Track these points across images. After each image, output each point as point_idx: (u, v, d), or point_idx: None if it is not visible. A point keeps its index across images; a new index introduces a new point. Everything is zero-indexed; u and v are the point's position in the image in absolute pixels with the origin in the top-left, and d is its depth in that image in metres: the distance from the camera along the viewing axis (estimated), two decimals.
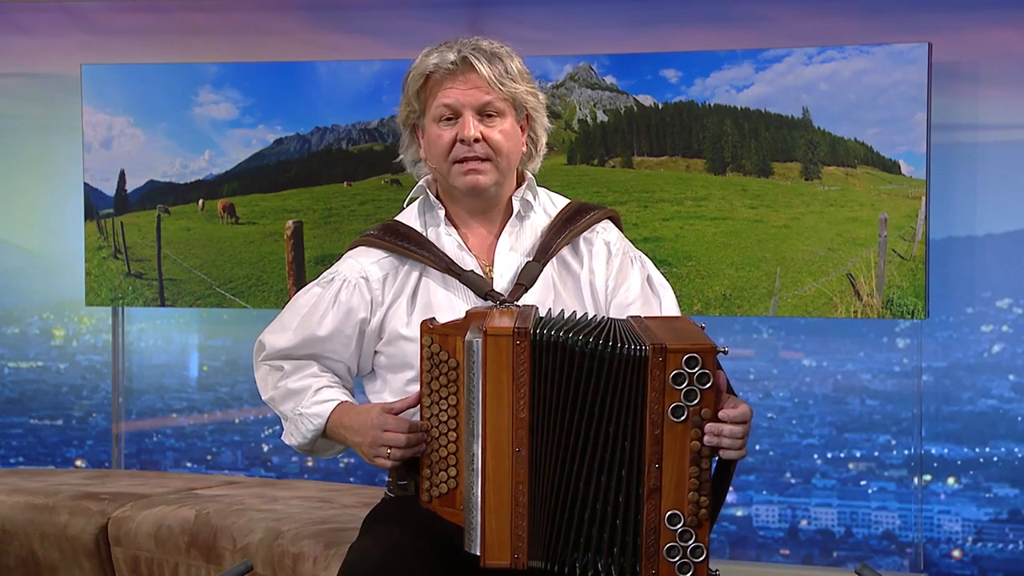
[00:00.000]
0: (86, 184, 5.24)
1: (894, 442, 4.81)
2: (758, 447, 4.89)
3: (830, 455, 4.90)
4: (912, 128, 4.47)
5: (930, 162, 4.45)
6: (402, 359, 2.53)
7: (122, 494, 3.51)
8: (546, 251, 2.55)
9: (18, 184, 5.60)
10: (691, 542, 2.23)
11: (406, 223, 2.60)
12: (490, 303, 2.48)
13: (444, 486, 2.34)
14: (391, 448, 2.37)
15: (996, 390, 4.75)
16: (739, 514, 4.94)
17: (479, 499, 2.25)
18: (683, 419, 2.21)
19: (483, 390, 2.24)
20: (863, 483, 4.84)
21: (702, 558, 2.23)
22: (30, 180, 5.57)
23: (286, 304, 2.64)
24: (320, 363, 2.58)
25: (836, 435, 4.90)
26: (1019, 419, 4.71)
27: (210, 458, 5.50)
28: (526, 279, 2.52)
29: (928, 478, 4.74)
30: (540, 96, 2.58)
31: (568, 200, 2.67)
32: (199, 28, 5.34)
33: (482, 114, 2.49)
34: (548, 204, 2.64)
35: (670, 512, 2.22)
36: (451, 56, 2.49)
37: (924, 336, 4.69)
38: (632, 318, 2.41)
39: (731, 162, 4.68)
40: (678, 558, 2.23)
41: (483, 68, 2.47)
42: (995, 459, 4.73)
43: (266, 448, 5.47)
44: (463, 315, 2.36)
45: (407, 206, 2.66)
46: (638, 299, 2.58)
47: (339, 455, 2.66)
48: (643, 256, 2.66)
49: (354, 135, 5.08)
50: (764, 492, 4.91)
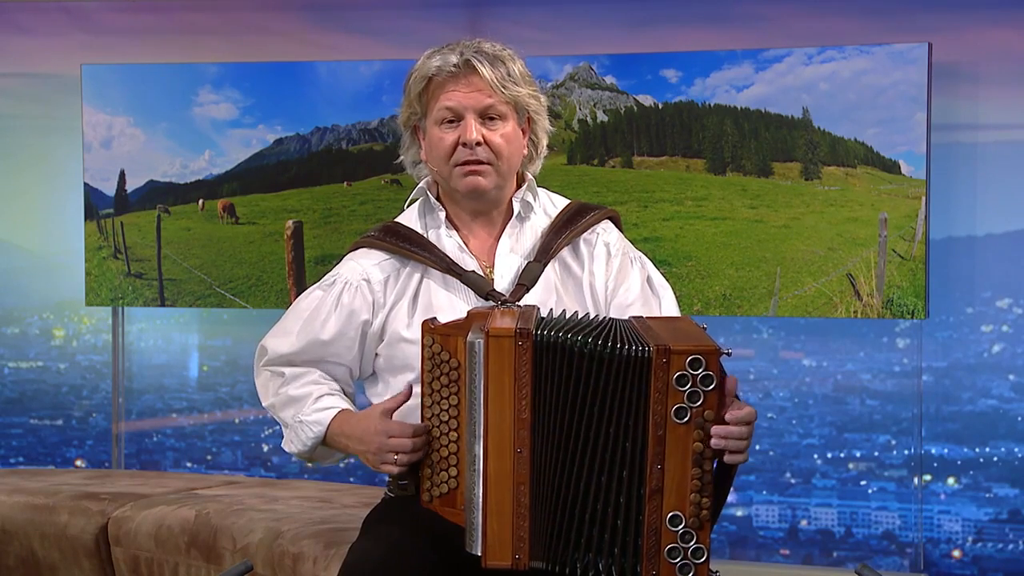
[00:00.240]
0: (86, 184, 5.24)
1: (894, 442, 4.81)
2: (758, 447, 4.89)
3: (830, 455, 4.90)
4: (912, 128, 4.47)
5: (930, 162, 4.45)
6: (402, 361, 2.52)
7: (122, 494, 3.51)
8: (547, 252, 2.55)
9: (18, 184, 5.59)
10: (692, 543, 2.23)
11: (406, 225, 2.60)
12: (491, 303, 2.47)
13: (445, 486, 2.33)
14: (398, 454, 2.36)
15: (996, 390, 4.74)
16: (739, 514, 4.94)
17: (480, 500, 2.25)
18: (686, 420, 2.21)
19: (485, 391, 2.24)
20: (863, 483, 4.84)
21: (703, 559, 2.23)
22: (30, 180, 5.57)
23: (286, 304, 2.64)
24: (322, 368, 2.57)
25: (836, 435, 4.90)
26: (1019, 419, 4.71)
27: (210, 458, 5.50)
28: (527, 279, 2.52)
29: (928, 478, 4.74)
30: (542, 99, 2.57)
31: (568, 201, 2.67)
32: (199, 28, 5.34)
33: (484, 117, 2.49)
34: (548, 205, 2.64)
35: (672, 513, 2.22)
36: (453, 59, 2.48)
37: (924, 336, 4.69)
38: (634, 318, 2.41)
39: (731, 162, 4.68)
40: (679, 559, 2.23)
41: (485, 71, 2.47)
42: (995, 459, 4.72)
43: (266, 448, 5.47)
44: (464, 315, 2.36)
45: (407, 208, 2.65)
46: (638, 300, 2.58)
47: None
48: (643, 256, 2.66)
49: (354, 135, 5.08)
50: (764, 492, 4.91)
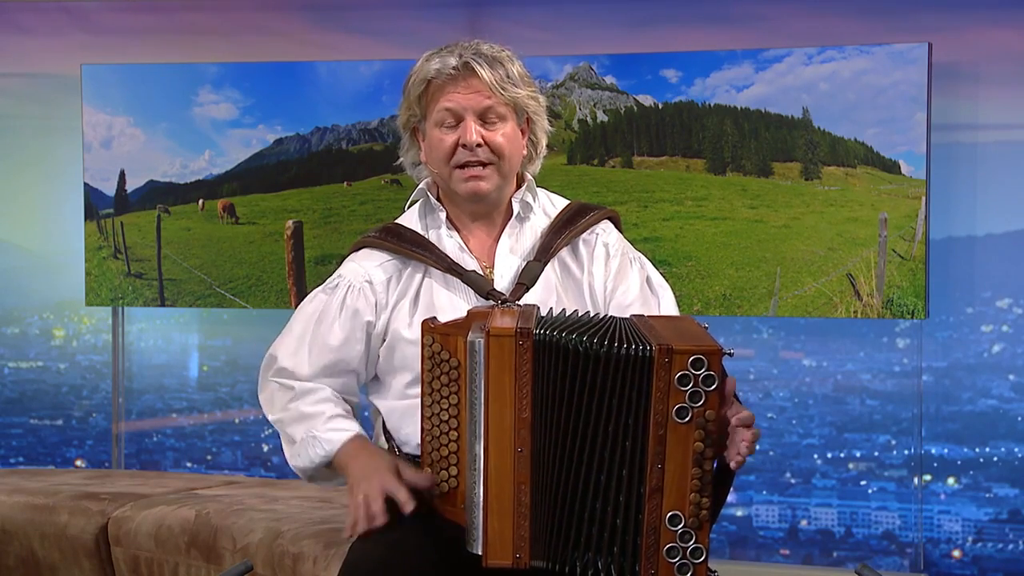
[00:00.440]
0: (86, 184, 5.24)
1: (894, 442, 4.81)
2: (758, 447, 4.88)
3: (830, 455, 4.90)
4: (912, 128, 4.47)
5: (930, 162, 4.45)
6: (401, 361, 2.52)
7: (122, 494, 3.51)
8: (546, 251, 2.55)
9: (18, 184, 5.59)
10: (691, 543, 2.23)
11: (407, 226, 2.60)
12: (491, 303, 2.48)
13: (445, 485, 2.33)
14: (372, 514, 2.34)
15: (996, 390, 4.74)
16: (739, 514, 4.94)
17: (481, 499, 2.25)
18: (687, 420, 2.21)
19: (485, 390, 2.24)
20: (863, 483, 4.84)
21: (702, 559, 2.23)
22: (30, 180, 5.57)
23: (286, 304, 2.64)
24: (332, 377, 2.55)
25: (836, 435, 4.90)
26: (1019, 419, 4.71)
27: (210, 458, 5.50)
28: (527, 279, 2.52)
29: (928, 478, 4.74)
30: (540, 99, 2.58)
31: (568, 201, 2.67)
32: (199, 28, 5.34)
33: (484, 119, 2.49)
34: (548, 205, 2.64)
35: (671, 513, 2.22)
36: (452, 61, 2.48)
37: (924, 336, 4.69)
38: (636, 317, 2.41)
39: (731, 162, 4.68)
40: (678, 559, 2.23)
41: (485, 73, 2.47)
42: (995, 459, 4.72)
43: (266, 448, 5.47)
44: (464, 315, 2.35)
45: (407, 209, 2.66)
46: (637, 300, 2.58)
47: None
48: (642, 257, 2.66)
49: (354, 135, 5.08)
50: (764, 492, 4.91)
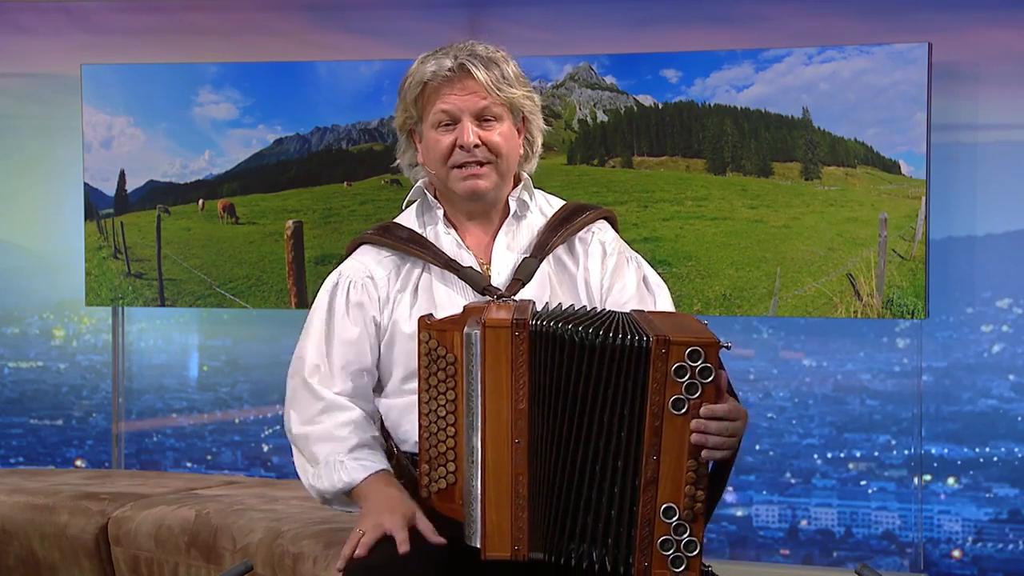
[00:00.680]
0: (86, 184, 5.24)
1: (894, 442, 4.80)
2: (758, 447, 4.89)
3: (830, 455, 4.90)
4: (912, 128, 4.47)
5: (930, 162, 4.45)
6: (398, 356, 2.53)
7: (122, 494, 3.51)
8: (543, 248, 2.57)
9: (18, 184, 5.59)
10: (685, 536, 2.22)
11: (404, 224, 2.61)
12: (488, 298, 2.48)
13: (443, 481, 2.34)
14: (360, 547, 2.31)
15: (996, 390, 4.74)
16: (739, 514, 4.93)
17: (479, 491, 2.25)
18: (683, 412, 2.21)
19: (482, 382, 2.24)
20: (863, 483, 4.84)
21: (695, 552, 2.22)
22: (30, 180, 5.57)
23: (286, 304, 2.64)
24: (354, 380, 2.53)
25: (836, 435, 4.90)
26: (1019, 419, 4.71)
27: (210, 458, 5.50)
28: (523, 274, 2.53)
29: (928, 478, 4.74)
30: (536, 99, 2.60)
31: (564, 201, 2.68)
32: (199, 28, 5.34)
33: (480, 119, 2.51)
34: (544, 205, 2.66)
35: (666, 505, 2.22)
36: (448, 63, 2.50)
37: (924, 336, 4.69)
38: (634, 311, 2.42)
39: (731, 162, 4.68)
40: (671, 551, 2.22)
41: (480, 74, 2.49)
42: (995, 459, 4.72)
43: (266, 448, 5.47)
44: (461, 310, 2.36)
45: (405, 209, 2.67)
46: (633, 298, 2.59)
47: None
48: (639, 256, 2.67)
49: (354, 135, 5.08)
50: (764, 492, 4.91)
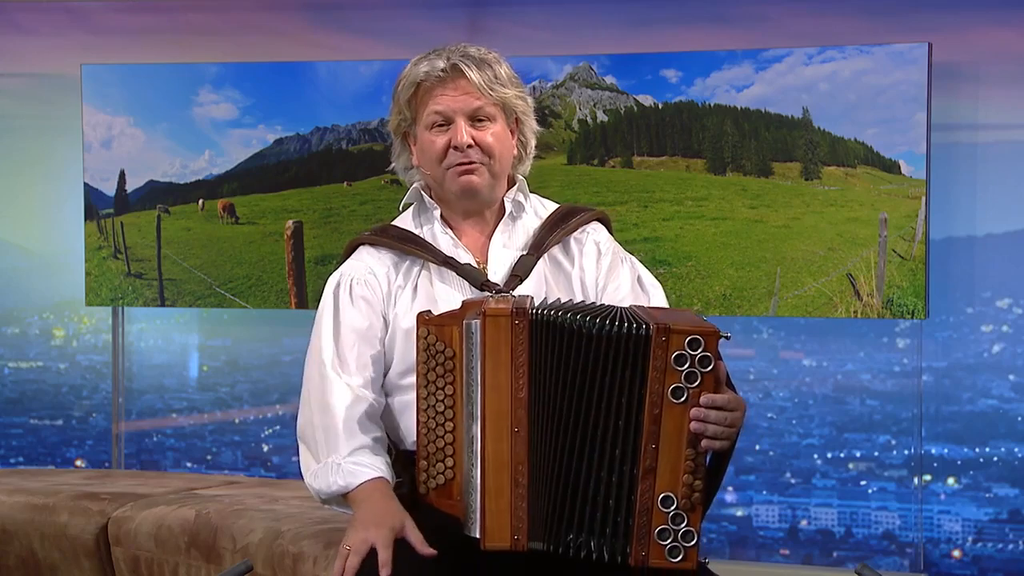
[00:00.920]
0: (86, 184, 5.24)
1: (894, 442, 4.81)
2: (758, 447, 4.89)
3: (830, 455, 4.90)
4: (912, 128, 4.47)
5: (930, 162, 4.45)
6: (397, 351, 2.53)
7: (122, 494, 3.51)
8: (539, 246, 2.58)
9: (18, 184, 5.59)
10: (683, 526, 2.22)
11: (401, 226, 2.63)
12: (486, 293, 2.49)
13: (441, 477, 2.34)
14: (348, 568, 2.31)
15: (996, 390, 4.74)
16: (739, 514, 4.93)
17: (479, 481, 2.25)
18: (683, 400, 2.21)
19: (482, 371, 2.25)
20: (863, 483, 4.84)
21: (693, 543, 2.22)
22: (30, 180, 5.57)
23: (286, 304, 2.64)
24: (362, 372, 2.51)
25: (836, 435, 4.90)
26: (1019, 419, 4.71)
27: (210, 458, 5.50)
28: (521, 270, 2.55)
29: (928, 478, 4.74)
30: (529, 100, 2.61)
31: (558, 204, 2.70)
32: (199, 28, 5.34)
33: (473, 119, 2.52)
34: (539, 207, 2.68)
35: (663, 494, 2.22)
36: (441, 64, 2.51)
37: (924, 336, 4.69)
38: (634, 305, 2.43)
39: (731, 162, 4.68)
40: (669, 541, 2.22)
41: (473, 75, 2.50)
42: (995, 459, 4.72)
43: (266, 448, 5.47)
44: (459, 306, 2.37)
45: (402, 212, 2.69)
46: (628, 297, 2.60)
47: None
48: (633, 258, 2.70)
49: (354, 135, 5.08)
50: (764, 492, 4.91)
